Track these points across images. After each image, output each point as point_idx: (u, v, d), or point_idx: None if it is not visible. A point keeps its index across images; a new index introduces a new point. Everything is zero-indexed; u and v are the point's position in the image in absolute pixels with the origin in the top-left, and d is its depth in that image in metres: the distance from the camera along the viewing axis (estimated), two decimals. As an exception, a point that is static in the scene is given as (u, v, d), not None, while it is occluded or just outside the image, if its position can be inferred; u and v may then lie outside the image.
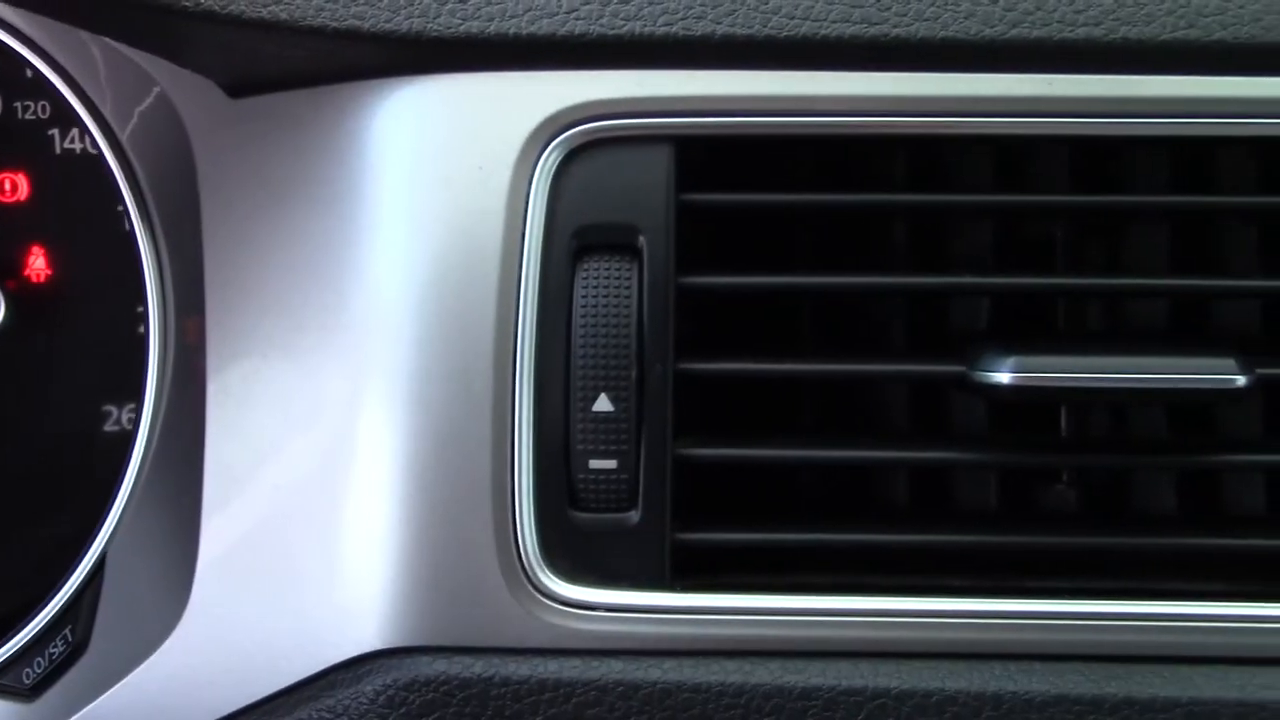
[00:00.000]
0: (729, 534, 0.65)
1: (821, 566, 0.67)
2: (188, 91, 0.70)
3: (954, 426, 0.71)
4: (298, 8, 0.64)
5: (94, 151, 0.71)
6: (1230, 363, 0.62)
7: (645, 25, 0.65)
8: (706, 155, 0.67)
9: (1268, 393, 0.70)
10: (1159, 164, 0.70)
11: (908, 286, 0.68)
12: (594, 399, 0.63)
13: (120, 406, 0.71)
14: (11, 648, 0.70)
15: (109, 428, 0.71)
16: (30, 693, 0.69)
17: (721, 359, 0.65)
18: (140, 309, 0.70)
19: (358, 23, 0.64)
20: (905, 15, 0.65)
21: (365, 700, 0.63)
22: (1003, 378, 0.62)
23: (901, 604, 0.64)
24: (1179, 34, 0.64)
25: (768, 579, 0.65)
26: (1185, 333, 0.70)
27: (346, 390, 0.66)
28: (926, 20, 0.65)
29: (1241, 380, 0.62)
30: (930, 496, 0.70)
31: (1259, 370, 0.63)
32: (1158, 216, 0.70)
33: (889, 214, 0.71)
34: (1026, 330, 0.70)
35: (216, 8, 0.63)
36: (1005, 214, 0.70)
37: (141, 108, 0.71)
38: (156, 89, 0.70)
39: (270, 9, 0.64)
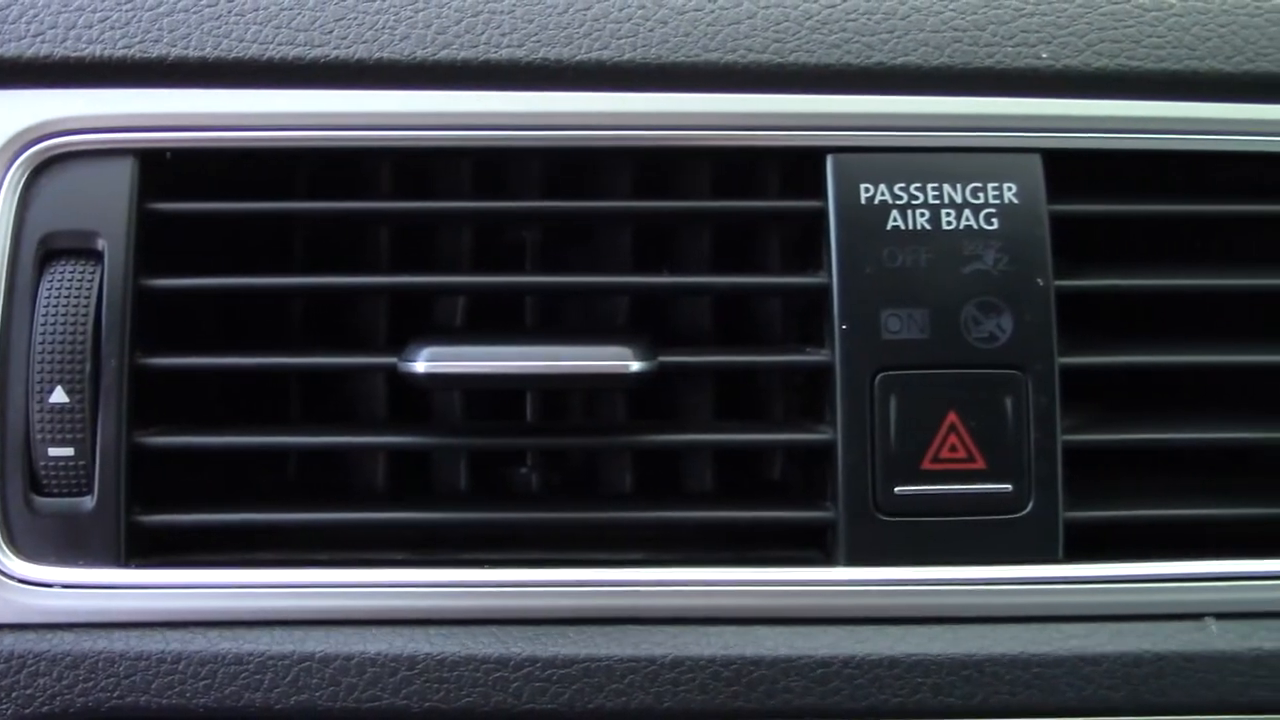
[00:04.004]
0: (185, 516, 0.70)
1: (309, 545, 0.73)
2: None
3: (436, 416, 0.77)
4: None
5: None
6: (627, 351, 0.68)
7: (105, 48, 0.70)
8: (225, 168, 0.73)
9: (719, 380, 0.77)
10: (622, 172, 0.77)
11: (363, 286, 0.74)
12: (51, 391, 0.69)
13: None
14: None
15: None
16: None
17: (179, 354, 0.71)
18: None
19: None
20: (345, 38, 0.71)
21: None
22: (419, 367, 0.68)
23: (339, 576, 0.69)
24: (594, 54, 0.71)
25: (227, 556, 0.71)
26: (640, 327, 0.77)
27: None
28: (365, 42, 0.71)
29: (635, 367, 0.68)
30: (416, 482, 0.76)
31: (663, 358, 0.69)
32: (620, 221, 0.77)
33: (373, 221, 0.77)
34: (493, 327, 0.76)
35: None
36: (480, 220, 0.77)
37: None
38: None
39: None
